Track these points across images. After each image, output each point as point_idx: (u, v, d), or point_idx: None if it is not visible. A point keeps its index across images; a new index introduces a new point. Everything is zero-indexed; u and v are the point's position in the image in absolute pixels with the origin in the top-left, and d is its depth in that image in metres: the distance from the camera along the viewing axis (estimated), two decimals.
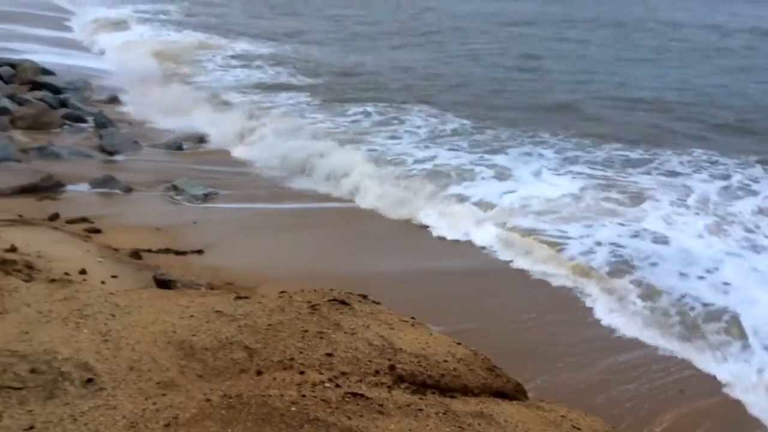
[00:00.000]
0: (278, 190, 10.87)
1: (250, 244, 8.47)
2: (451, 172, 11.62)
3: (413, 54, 28.17)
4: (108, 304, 2.72)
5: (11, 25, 29.20)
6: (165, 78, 19.75)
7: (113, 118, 13.76)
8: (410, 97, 18.45)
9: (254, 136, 13.60)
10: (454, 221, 9.54)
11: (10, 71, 15.98)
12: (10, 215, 7.82)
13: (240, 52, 26.38)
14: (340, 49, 28.77)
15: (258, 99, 17.61)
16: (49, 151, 11.19)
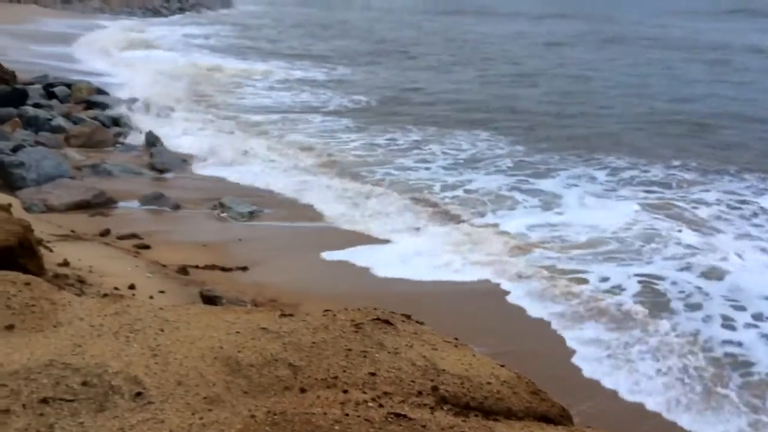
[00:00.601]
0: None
1: (293, 262, 8.54)
2: (484, 198, 11.30)
3: (464, 75, 28.33)
4: (157, 319, 2.78)
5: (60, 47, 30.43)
6: (212, 101, 20.31)
7: (163, 135, 14.13)
8: (460, 120, 18.48)
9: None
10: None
11: (65, 91, 16.58)
12: (64, 230, 8.06)
13: (289, 75, 27.04)
14: (388, 72, 29.17)
15: (296, 119, 18.01)
16: (101, 168, 11.53)
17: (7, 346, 2.48)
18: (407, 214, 10.33)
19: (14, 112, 13.88)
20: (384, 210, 10.46)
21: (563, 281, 8.08)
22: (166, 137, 14.10)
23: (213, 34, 47.74)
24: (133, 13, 75.21)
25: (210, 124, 16.45)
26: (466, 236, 9.44)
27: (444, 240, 9.30)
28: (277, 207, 10.70)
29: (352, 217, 10.22)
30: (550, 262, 8.67)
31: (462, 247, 9.03)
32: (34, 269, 3.64)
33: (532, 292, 7.79)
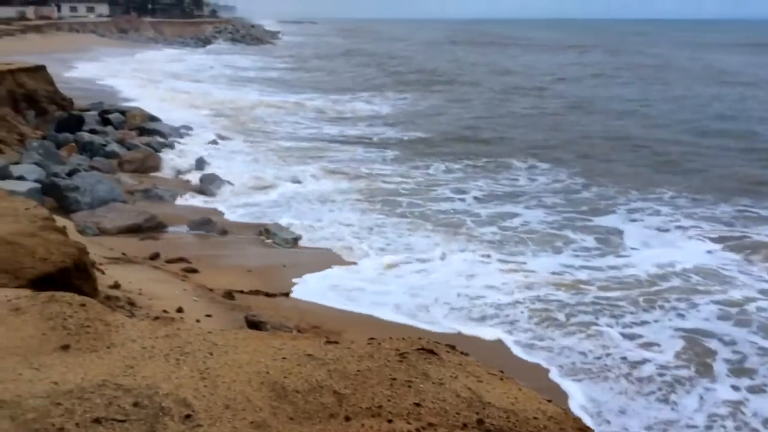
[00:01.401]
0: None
1: (338, 287, 8.57)
2: (524, 235, 10.96)
3: (519, 106, 28.43)
4: (206, 342, 2.83)
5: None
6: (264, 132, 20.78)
7: (212, 161, 14.46)
8: (515, 151, 18.44)
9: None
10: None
11: (120, 118, 17.10)
12: (115, 253, 8.26)
13: (335, 105, 27.52)
14: (439, 101, 29.42)
15: (339, 149, 18.24)
16: (152, 193, 11.82)
17: (62, 365, 2.55)
18: (443, 248, 10.21)
19: (71, 137, 14.38)
20: (421, 245, 10.35)
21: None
22: (216, 164, 14.41)
23: (266, 66, 48.99)
24: (186, 42, 77.49)
25: (258, 154, 16.77)
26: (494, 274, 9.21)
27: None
28: (319, 235, 10.78)
29: (384, 246, 10.23)
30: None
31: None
32: (89, 291, 3.74)
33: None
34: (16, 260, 3.67)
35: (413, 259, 9.68)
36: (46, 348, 2.64)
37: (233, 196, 12.47)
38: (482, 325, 7.71)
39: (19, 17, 69.21)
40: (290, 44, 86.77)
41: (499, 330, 7.57)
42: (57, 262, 3.61)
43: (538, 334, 7.49)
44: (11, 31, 53.09)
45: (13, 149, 12.63)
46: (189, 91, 29.84)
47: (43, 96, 15.61)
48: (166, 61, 47.68)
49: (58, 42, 51.86)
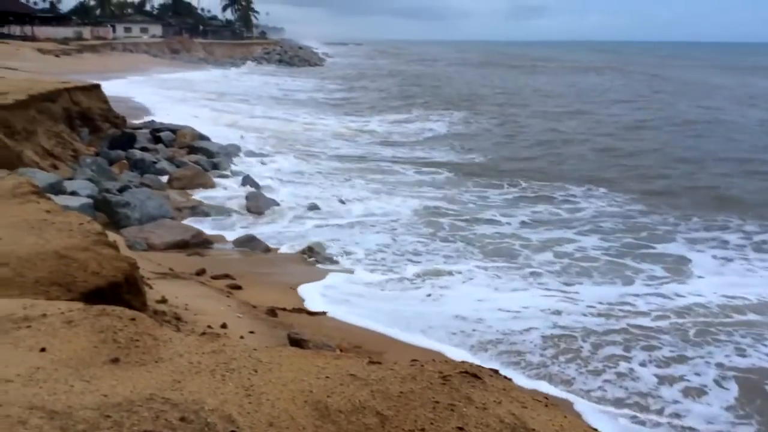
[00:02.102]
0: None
1: (379, 307, 8.57)
2: (577, 262, 10.69)
3: (569, 127, 28.34)
4: (251, 359, 2.86)
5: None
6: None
7: (258, 180, 14.68)
8: (568, 174, 18.36)
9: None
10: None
11: (170, 136, 17.51)
12: (163, 268, 8.41)
13: (385, 126, 27.80)
14: (492, 125, 29.51)
15: (388, 170, 18.33)
16: (200, 210, 12.04)
17: (112, 378, 2.61)
18: (490, 274, 10.10)
19: (123, 154, 14.78)
20: (467, 269, 10.21)
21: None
22: (263, 183, 14.63)
23: (316, 87, 49.76)
24: (235, 63, 79.15)
25: (305, 173, 16.98)
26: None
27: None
28: (363, 255, 10.82)
29: (428, 269, 10.17)
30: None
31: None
32: (138, 305, 3.82)
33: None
34: (69, 274, 3.78)
35: (455, 282, 9.61)
36: (96, 360, 2.70)
37: (279, 214, 12.61)
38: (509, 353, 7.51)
39: (76, 37, 71.77)
40: (337, 65, 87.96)
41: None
42: (108, 276, 3.70)
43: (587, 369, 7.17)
44: (68, 51, 55.06)
45: (68, 165, 13.04)
46: (238, 110, 30.46)
47: (97, 114, 16.10)
48: (215, 81, 48.75)
49: (112, 61, 53.55)
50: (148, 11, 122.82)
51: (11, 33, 64.27)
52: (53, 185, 10.32)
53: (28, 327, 2.97)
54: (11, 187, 5.27)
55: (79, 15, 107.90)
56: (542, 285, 9.71)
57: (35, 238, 4.15)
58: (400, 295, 9.11)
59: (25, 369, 2.61)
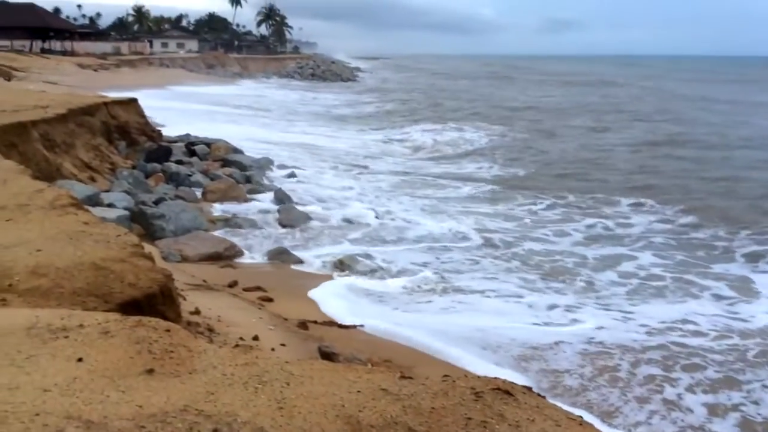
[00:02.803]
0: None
1: (408, 321, 8.54)
2: (634, 279, 10.44)
3: (609, 140, 28.16)
4: (283, 372, 2.87)
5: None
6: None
7: (290, 193, 14.79)
8: (613, 186, 18.20)
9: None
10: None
11: (205, 149, 17.76)
12: (196, 280, 8.51)
13: (427, 139, 27.99)
14: (532, 137, 29.53)
15: (427, 183, 18.35)
16: (233, 222, 12.17)
17: (146, 389, 2.64)
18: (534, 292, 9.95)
19: (158, 167, 15.02)
20: (510, 286, 10.07)
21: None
22: (295, 196, 14.73)
23: (350, 101, 50.14)
24: (269, 77, 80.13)
25: (338, 187, 17.08)
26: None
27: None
28: (397, 270, 10.81)
29: (467, 286, 10.09)
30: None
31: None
32: (172, 316, 3.87)
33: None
34: (106, 285, 3.84)
35: (493, 296, 9.53)
36: (132, 371, 2.74)
37: (311, 227, 12.67)
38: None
39: (114, 52, 73.49)
40: (371, 80, 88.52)
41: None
42: (144, 287, 3.76)
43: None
44: (107, 66, 56.34)
45: (105, 178, 13.29)
46: (271, 123, 30.81)
47: (134, 127, 16.40)
48: (250, 95, 49.39)
49: (149, 76, 54.63)
50: (184, 27, 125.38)
51: (52, 48, 66.05)
52: (91, 197, 10.52)
53: (66, 337, 3.03)
54: (51, 199, 5.39)
55: (118, 30, 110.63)
56: (600, 305, 9.50)
57: (73, 250, 4.23)
58: (433, 309, 9.08)
59: (62, 378, 2.66)
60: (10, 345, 2.95)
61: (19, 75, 38.07)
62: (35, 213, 5.04)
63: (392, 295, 9.47)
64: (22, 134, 10.93)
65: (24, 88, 26.25)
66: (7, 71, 38.09)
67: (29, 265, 4.00)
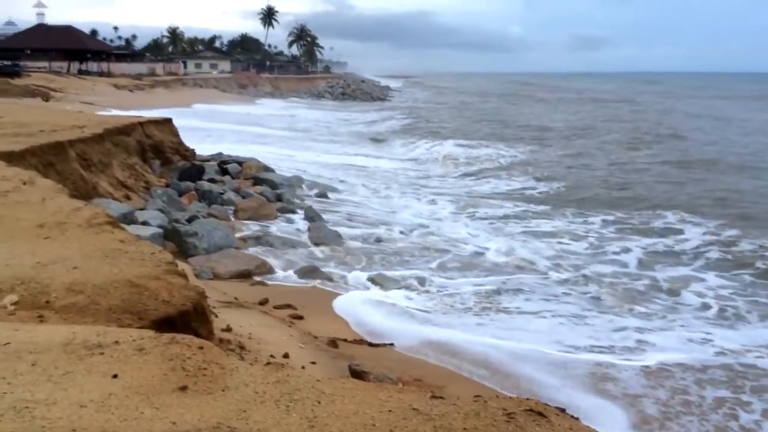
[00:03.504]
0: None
1: (440, 340, 8.49)
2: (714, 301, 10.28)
3: (643, 158, 28.11)
4: (315, 390, 2.88)
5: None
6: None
7: (321, 211, 14.88)
8: (655, 201, 18.27)
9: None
10: None
11: (237, 168, 17.96)
12: (228, 297, 8.58)
13: (467, 158, 28.18)
14: (569, 154, 29.71)
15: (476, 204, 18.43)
16: (264, 240, 12.27)
17: (180, 406, 2.67)
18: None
19: (191, 185, 15.24)
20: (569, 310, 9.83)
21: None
22: (326, 215, 14.81)
23: (381, 118, 50.53)
24: (300, 97, 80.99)
25: (369, 204, 17.16)
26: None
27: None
28: (436, 288, 10.77)
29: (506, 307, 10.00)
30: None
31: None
32: (205, 334, 3.91)
33: None
34: (141, 302, 3.90)
35: (563, 316, 9.39)
36: (166, 388, 2.77)
37: (342, 246, 12.70)
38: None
39: (149, 73, 75.02)
40: (401, 98, 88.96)
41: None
42: (178, 305, 3.81)
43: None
44: (141, 86, 57.52)
45: (140, 196, 13.52)
46: (299, 139, 31.10)
47: (169, 147, 16.68)
48: (280, 114, 49.95)
49: (183, 96, 55.59)
50: (217, 48, 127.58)
51: (89, 69, 67.62)
52: (126, 215, 10.70)
53: (102, 354, 3.08)
54: (88, 217, 5.50)
55: (153, 52, 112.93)
56: (673, 327, 9.33)
57: (109, 267, 4.31)
58: (464, 326, 9.00)
59: (98, 395, 2.71)
60: (48, 361, 3.01)
61: (56, 96, 39.06)
62: (73, 231, 5.14)
63: (428, 314, 9.43)
64: (60, 153, 11.18)
65: (61, 108, 26.92)
66: (46, 92, 39.11)
67: (66, 282, 4.08)
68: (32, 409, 2.57)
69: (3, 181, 7.20)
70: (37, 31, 69.55)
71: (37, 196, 6.45)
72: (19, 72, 48.55)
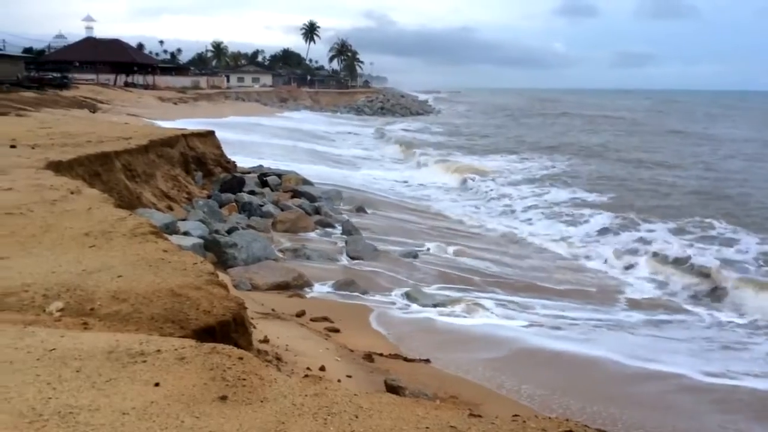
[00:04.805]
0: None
1: (476, 357, 8.42)
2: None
3: (667, 171, 28.15)
4: (352, 404, 2.88)
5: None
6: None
7: (358, 226, 14.92)
8: (701, 212, 18.65)
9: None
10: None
11: (276, 180, 18.16)
12: (266, 309, 8.64)
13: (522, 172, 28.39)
14: (612, 168, 29.89)
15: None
16: (301, 252, 12.34)
17: (220, 416, 2.69)
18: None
19: (232, 197, 15.44)
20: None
21: None
22: (363, 229, 14.84)
23: (423, 129, 50.95)
24: (338, 110, 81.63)
25: (406, 220, 17.15)
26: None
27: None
28: (465, 300, 10.71)
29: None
30: None
31: None
32: (244, 344, 3.94)
33: None
34: (183, 311, 3.95)
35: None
36: (206, 397, 2.81)
37: (379, 259, 12.71)
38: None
39: (193, 86, 76.53)
40: (440, 113, 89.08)
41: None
42: (218, 315, 3.85)
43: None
44: (185, 99, 58.67)
45: (182, 207, 13.75)
46: (341, 154, 31.32)
47: (211, 159, 16.96)
48: (319, 127, 50.38)
49: (225, 108, 56.53)
50: (260, 62, 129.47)
51: (135, 82, 69.26)
52: (168, 225, 10.88)
53: (144, 362, 3.13)
54: (132, 226, 5.61)
55: (197, 65, 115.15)
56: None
57: (152, 276, 4.38)
58: (505, 345, 8.92)
59: (140, 402, 2.75)
60: (92, 368, 3.07)
61: (103, 107, 40.05)
62: (117, 240, 5.25)
63: (466, 331, 9.37)
64: (106, 164, 11.45)
65: (108, 120, 27.58)
66: (93, 104, 40.15)
67: (111, 290, 4.17)
68: (76, 414, 2.62)
69: (51, 191, 7.39)
70: (85, 45, 71.60)
71: (84, 206, 6.61)
72: (68, 84, 49.99)
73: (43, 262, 4.71)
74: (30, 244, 5.18)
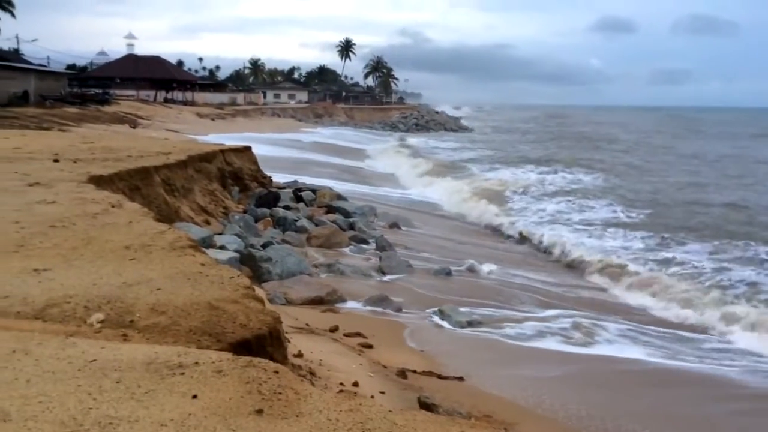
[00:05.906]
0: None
1: (511, 376, 8.33)
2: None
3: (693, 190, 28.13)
4: (386, 421, 2.87)
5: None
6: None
7: (392, 242, 14.93)
8: (735, 231, 18.56)
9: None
10: None
11: (311, 196, 18.29)
12: (300, 323, 8.69)
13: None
14: (643, 178, 29.75)
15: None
16: (335, 267, 12.38)
17: (256, 429, 2.71)
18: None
19: (267, 212, 15.59)
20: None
21: None
22: (397, 246, 14.86)
23: (459, 147, 51.23)
24: (373, 126, 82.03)
25: (442, 237, 17.15)
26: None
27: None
28: (500, 318, 10.64)
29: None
30: None
31: None
32: (279, 358, 3.96)
33: None
34: (220, 324, 4.00)
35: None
36: (243, 410, 2.83)
37: (413, 275, 12.70)
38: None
39: (230, 102, 77.79)
40: (476, 129, 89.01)
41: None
42: (255, 328, 3.89)
43: None
44: (223, 115, 59.66)
45: (218, 221, 13.93)
46: (371, 169, 31.46)
47: (247, 174, 17.17)
48: (352, 144, 50.72)
49: (262, 125, 57.28)
50: (296, 79, 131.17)
51: (174, 98, 70.64)
52: (205, 239, 11.02)
53: (182, 374, 3.17)
54: (171, 240, 5.70)
55: (235, 82, 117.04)
56: None
57: (190, 289, 4.45)
58: (543, 362, 8.83)
59: (178, 414, 2.78)
60: (131, 379, 3.12)
61: (143, 123, 40.92)
62: (157, 253, 5.34)
63: (503, 349, 9.29)
64: (146, 178, 11.66)
65: (148, 135, 28.16)
66: (133, 119, 41.06)
67: (150, 303, 4.23)
68: (116, 425, 2.67)
69: (93, 204, 7.56)
70: (126, 61, 73.38)
71: (125, 219, 6.74)
72: (109, 100, 51.22)
73: (84, 274, 4.81)
74: (72, 256, 5.30)
